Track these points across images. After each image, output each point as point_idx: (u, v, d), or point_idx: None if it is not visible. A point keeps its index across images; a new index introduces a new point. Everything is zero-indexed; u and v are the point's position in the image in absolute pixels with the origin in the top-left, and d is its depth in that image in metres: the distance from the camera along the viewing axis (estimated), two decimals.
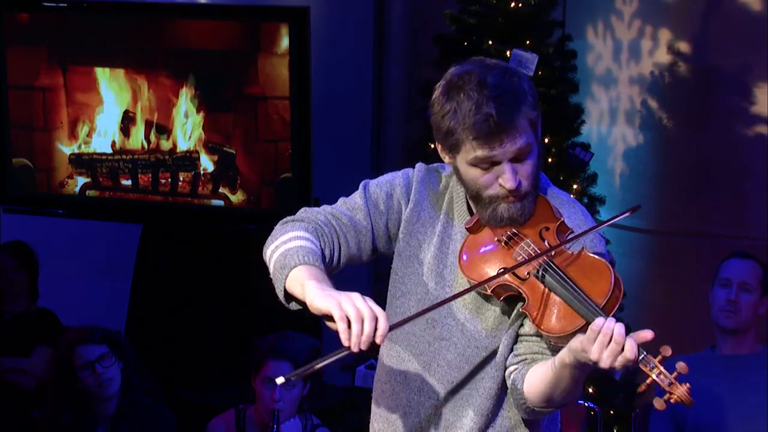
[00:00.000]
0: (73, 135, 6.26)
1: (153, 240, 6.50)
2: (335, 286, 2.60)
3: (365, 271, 5.76)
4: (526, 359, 2.76)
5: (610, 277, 2.62)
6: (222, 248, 6.35)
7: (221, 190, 6.08)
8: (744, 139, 5.82)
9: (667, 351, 2.57)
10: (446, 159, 2.77)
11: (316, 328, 6.00)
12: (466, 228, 2.79)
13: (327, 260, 2.75)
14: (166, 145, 6.15)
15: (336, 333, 2.51)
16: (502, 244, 2.74)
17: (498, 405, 2.83)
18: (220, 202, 6.10)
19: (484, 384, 2.80)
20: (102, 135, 6.23)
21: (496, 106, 2.62)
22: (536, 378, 2.69)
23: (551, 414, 2.86)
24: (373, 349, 2.55)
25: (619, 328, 2.51)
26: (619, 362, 2.53)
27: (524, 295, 2.67)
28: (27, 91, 6.27)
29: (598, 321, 2.52)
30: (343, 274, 2.86)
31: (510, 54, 5.44)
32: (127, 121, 6.18)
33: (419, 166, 2.93)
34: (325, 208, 2.85)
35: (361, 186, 2.90)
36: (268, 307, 6.40)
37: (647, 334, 2.56)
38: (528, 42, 5.49)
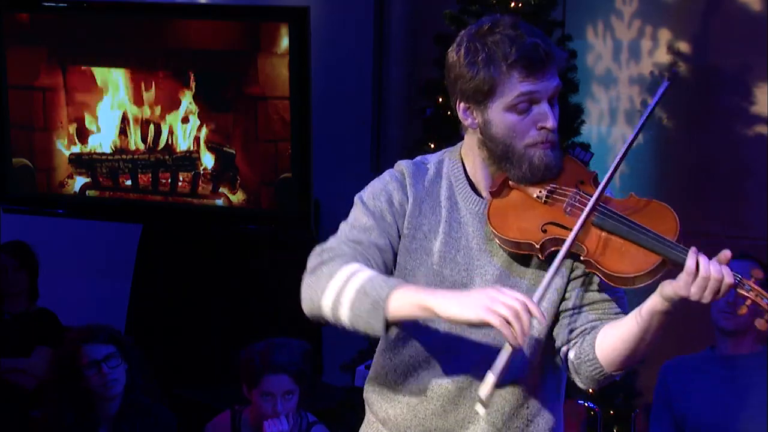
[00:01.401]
0: (73, 135, 6.26)
1: (153, 240, 6.50)
2: None
3: None
4: (584, 330, 2.69)
5: (673, 213, 2.60)
6: (222, 248, 6.35)
7: (221, 190, 6.08)
8: (744, 139, 5.82)
9: (758, 273, 2.56)
10: (469, 120, 2.70)
11: (312, 327, 6.00)
12: (489, 192, 2.71)
13: None
14: (165, 145, 6.15)
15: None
16: (542, 201, 2.67)
17: (530, 381, 2.77)
18: (219, 202, 6.10)
19: (516, 361, 2.67)
20: (102, 135, 6.23)
21: (540, 38, 2.61)
22: (615, 339, 2.61)
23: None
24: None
25: (714, 266, 2.50)
26: (721, 296, 2.51)
27: (582, 246, 2.59)
28: (27, 91, 6.28)
29: (691, 263, 2.49)
30: None
31: None
32: (126, 121, 6.19)
33: (403, 162, 2.85)
34: (342, 240, 2.71)
35: (358, 203, 2.79)
36: (267, 306, 6.43)
37: (728, 253, 2.54)
38: None
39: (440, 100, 5.57)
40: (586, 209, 2.59)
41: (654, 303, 2.55)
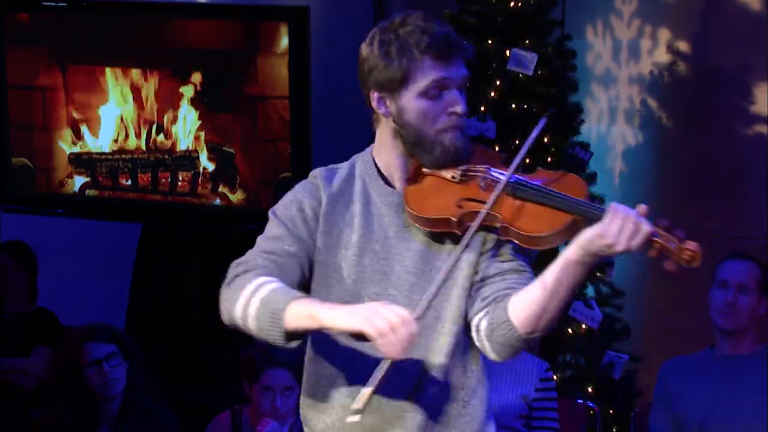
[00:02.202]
0: (72, 134, 6.26)
1: (152, 240, 6.50)
2: None
3: None
4: (495, 298, 2.72)
5: (581, 180, 2.68)
6: (221, 248, 6.34)
7: (221, 189, 6.08)
8: (743, 138, 5.82)
9: (664, 221, 2.62)
10: (382, 109, 2.81)
11: None
12: (405, 180, 2.81)
13: None
14: (165, 144, 6.15)
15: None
16: (457, 180, 2.76)
17: (460, 361, 2.80)
18: (219, 202, 6.10)
19: (442, 342, 2.76)
20: (101, 135, 6.23)
21: (447, 30, 2.77)
22: (527, 298, 2.65)
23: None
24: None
25: (632, 211, 2.56)
26: (636, 241, 2.56)
27: (498, 215, 2.68)
28: (26, 90, 6.28)
29: (615, 205, 2.55)
30: None
31: (509, 53, 5.44)
32: (126, 121, 6.19)
33: (316, 170, 2.97)
34: (256, 251, 2.84)
35: (270, 216, 2.89)
36: None
37: (644, 207, 2.59)
38: (527, 41, 5.50)
39: None
40: (504, 178, 2.70)
41: (569, 252, 2.60)
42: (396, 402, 2.78)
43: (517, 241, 2.68)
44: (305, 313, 2.59)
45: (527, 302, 2.65)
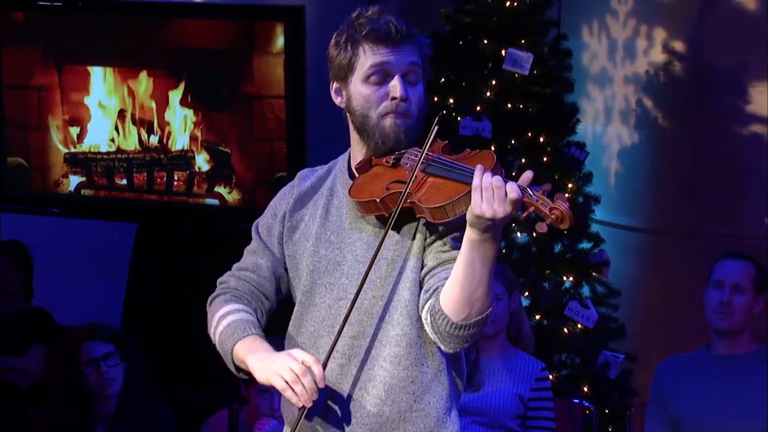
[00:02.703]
0: (68, 134, 6.25)
1: (148, 239, 6.49)
2: None
3: None
4: (437, 288, 2.75)
5: (493, 155, 2.70)
6: (217, 247, 6.34)
7: (216, 189, 6.08)
8: (740, 138, 5.83)
9: (547, 186, 2.61)
10: (338, 99, 2.96)
11: None
12: (355, 168, 2.89)
13: (260, 311, 3.02)
14: (161, 144, 6.15)
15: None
16: (390, 164, 2.83)
17: (412, 354, 2.81)
18: (215, 202, 6.10)
19: (391, 332, 2.80)
20: (97, 134, 6.23)
21: (395, 19, 2.84)
22: (450, 284, 2.68)
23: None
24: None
25: (495, 178, 2.57)
26: (508, 206, 2.55)
27: (411, 191, 2.74)
28: (22, 90, 6.27)
29: (476, 181, 2.59)
30: None
31: (505, 53, 5.44)
32: (122, 120, 6.18)
33: (301, 170, 3.11)
34: (234, 269, 3.09)
35: (252, 229, 3.10)
36: None
37: (529, 174, 2.60)
38: (523, 41, 5.50)
39: (435, 99, 5.57)
40: (419, 156, 2.76)
41: (467, 235, 2.63)
42: (348, 389, 2.84)
43: (427, 217, 2.73)
44: (242, 358, 2.88)
45: (451, 289, 2.68)
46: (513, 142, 5.50)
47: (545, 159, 5.48)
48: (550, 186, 2.60)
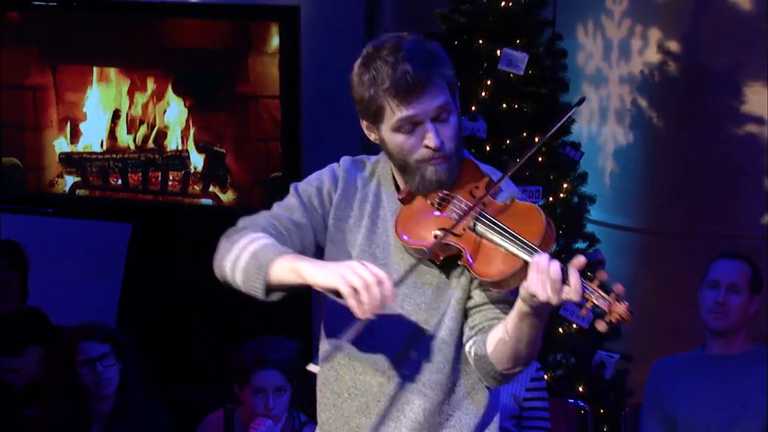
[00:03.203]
0: (63, 134, 6.25)
1: (143, 239, 6.49)
2: None
3: None
4: (482, 328, 2.76)
5: (541, 217, 2.66)
6: (212, 247, 6.33)
7: (211, 189, 6.07)
8: (735, 138, 5.83)
9: (602, 275, 2.60)
10: (372, 136, 2.84)
11: (304, 327, 6.00)
12: (399, 199, 2.83)
13: None
14: (156, 144, 6.14)
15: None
16: (435, 206, 2.78)
17: (451, 379, 2.82)
18: (210, 202, 6.09)
19: (433, 358, 2.79)
20: (92, 134, 6.23)
21: (411, 64, 2.70)
22: (499, 338, 2.69)
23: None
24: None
25: (554, 265, 2.54)
26: (566, 294, 2.54)
27: (461, 248, 2.70)
28: (17, 90, 6.27)
29: (534, 259, 2.55)
30: None
31: (500, 53, 5.44)
32: (117, 120, 6.18)
33: (344, 158, 3.01)
34: (263, 213, 2.91)
35: (291, 188, 2.95)
36: (258, 306, 6.40)
37: (581, 260, 2.57)
38: (518, 41, 5.50)
39: None
40: (463, 215, 2.72)
41: (518, 305, 2.62)
42: (384, 409, 2.82)
43: (477, 280, 2.71)
44: (290, 267, 2.64)
45: (501, 343, 2.69)
46: (508, 142, 5.51)
47: (540, 159, 5.48)
48: (606, 275, 2.59)
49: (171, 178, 6.17)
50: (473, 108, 5.48)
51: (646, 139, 6.05)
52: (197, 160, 6.08)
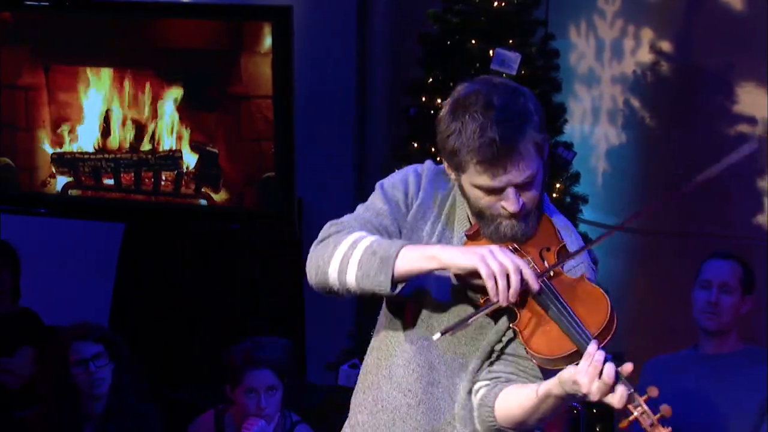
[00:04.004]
0: (55, 134, 6.24)
1: (136, 239, 6.49)
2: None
3: None
4: (500, 377, 2.75)
5: (607, 308, 2.60)
6: (205, 247, 6.34)
7: (204, 189, 6.07)
8: (727, 138, 5.83)
9: (653, 392, 2.54)
10: (452, 176, 2.77)
11: (296, 326, 6.00)
12: (465, 235, 2.78)
13: None
14: (148, 144, 6.14)
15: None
16: None
17: (468, 414, 2.82)
18: (203, 202, 6.09)
19: (458, 390, 2.80)
20: (84, 134, 6.22)
21: (500, 130, 2.60)
22: (512, 402, 2.68)
23: None
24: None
25: (609, 367, 2.51)
26: (608, 399, 2.53)
27: (516, 311, 2.66)
28: (9, 90, 6.25)
29: (591, 350, 2.51)
30: None
31: (493, 53, 5.44)
32: (109, 120, 6.17)
33: (429, 164, 2.92)
34: (353, 218, 2.83)
35: (378, 188, 2.88)
36: (251, 306, 6.42)
37: (629, 367, 2.54)
38: (511, 41, 5.50)
39: (423, 99, 5.57)
40: (531, 284, 2.64)
41: (552, 384, 2.60)
42: (409, 429, 2.83)
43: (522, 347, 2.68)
44: (421, 254, 2.61)
45: (513, 405, 2.68)
46: None
47: None
48: (657, 391, 2.53)
49: (163, 178, 6.16)
50: None
51: (638, 139, 6.06)
52: (190, 161, 6.08)
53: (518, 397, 2.67)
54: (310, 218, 6.12)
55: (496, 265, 2.53)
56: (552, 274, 2.67)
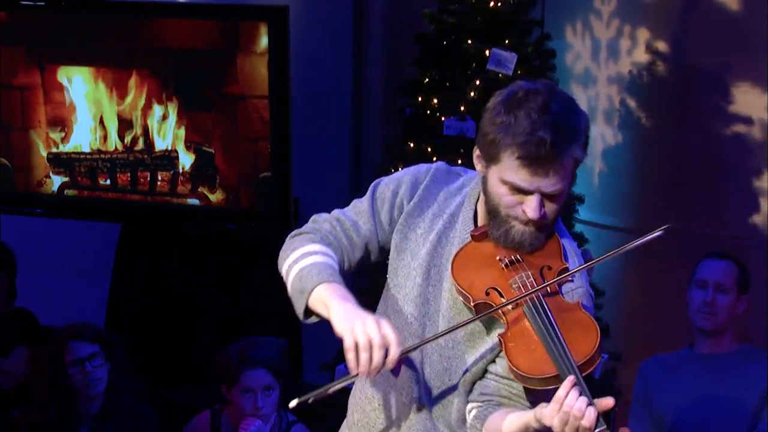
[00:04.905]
0: (51, 134, 6.24)
1: (132, 239, 6.49)
2: None
3: None
4: (491, 400, 2.74)
5: (596, 340, 2.59)
6: (201, 247, 6.34)
7: (200, 189, 6.07)
8: (723, 137, 5.83)
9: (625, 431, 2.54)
10: (479, 166, 2.74)
11: (292, 326, 5.99)
12: (471, 234, 2.77)
13: (341, 267, 2.80)
14: (144, 144, 6.13)
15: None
16: (502, 265, 2.71)
17: (462, 421, 2.83)
18: (199, 202, 6.09)
19: (453, 399, 2.80)
20: (80, 134, 6.21)
21: (552, 134, 2.58)
22: (496, 428, 2.66)
23: None
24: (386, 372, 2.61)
25: (580, 405, 2.47)
26: None
27: (504, 322, 2.65)
28: (4, 90, 6.25)
29: (560, 393, 2.48)
30: None
31: (489, 53, 5.44)
32: (105, 120, 6.17)
33: (439, 164, 2.93)
34: (333, 214, 2.88)
35: (371, 187, 2.90)
36: (247, 306, 6.41)
37: (609, 402, 2.51)
38: (507, 41, 5.50)
39: (420, 99, 5.57)
40: (521, 294, 2.63)
41: (528, 419, 2.58)
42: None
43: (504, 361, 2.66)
44: (323, 300, 2.66)
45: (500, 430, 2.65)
46: None
47: None
48: (628, 431, 2.53)
49: (160, 178, 6.16)
50: (462, 108, 5.48)
51: (634, 139, 6.06)
52: (186, 161, 6.08)
53: (500, 426, 2.65)
54: (307, 218, 6.10)
55: (362, 337, 2.53)
56: (549, 292, 2.65)
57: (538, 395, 2.64)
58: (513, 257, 2.70)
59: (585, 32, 6.17)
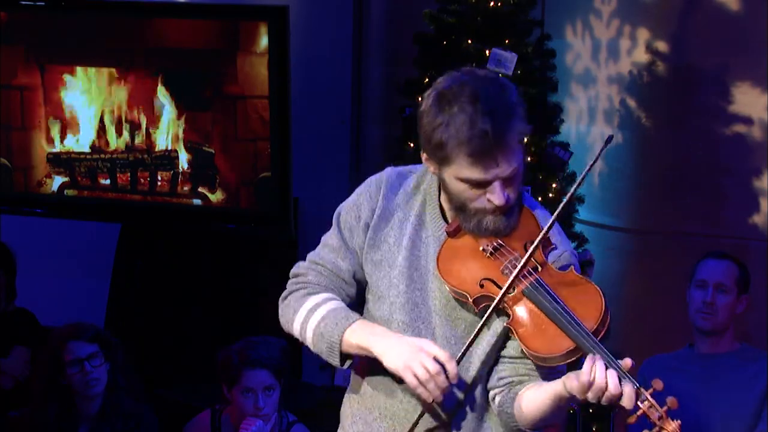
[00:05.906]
0: (50, 134, 6.23)
1: (132, 239, 6.48)
2: None
3: None
4: (512, 381, 2.75)
5: (600, 300, 2.59)
6: (201, 247, 6.34)
7: (200, 189, 6.07)
8: (722, 138, 5.83)
9: (658, 384, 2.55)
10: (431, 168, 2.74)
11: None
12: (446, 232, 2.77)
13: (344, 302, 2.85)
14: (144, 144, 6.13)
15: None
16: (487, 254, 2.71)
17: (478, 416, 2.83)
18: (198, 202, 6.09)
19: (459, 395, 2.79)
20: (80, 134, 6.21)
21: (492, 121, 2.58)
22: (529, 403, 2.69)
23: None
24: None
25: (612, 377, 2.51)
26: (615, 403, 2.54)
27: (509, 311, 2.65)
28: (4, 90, 6.25)
29: (586, 368, 2.50)
30: None
31: (489, 53, 5.44)
32: (105, 120, 6.17)
33: (388, 170, 2.92)
34: (310, 261, 2.90)
35: (334, 220, 2.91)
36: (247, 306, 6.41)
37: (628, 363, 2.56)
38: (507, 41, 5.50)
39: (419, 99, 5.57)
40: (512, 275, 2.64)
41: (559, 388, 2.61)
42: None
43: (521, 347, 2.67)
44: (357, 344, 2.72)
45: (530, 407, 2.69)
46: None
47: (529, 159, 5.48)
48: (661, 384, 2.55)
49: (160, 178, 6.16)
50: None
51: (634, 139, 6.06)
52: (185, 161, 6.07)
53: (533, 400, 2.68)
54: (306, 218, 6.12)
55: (421, 371, 2.59)
56: (540, 268, 2.66)
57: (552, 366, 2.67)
58: (495, 243, 2.71)
59: (585, 32, 6.16)
